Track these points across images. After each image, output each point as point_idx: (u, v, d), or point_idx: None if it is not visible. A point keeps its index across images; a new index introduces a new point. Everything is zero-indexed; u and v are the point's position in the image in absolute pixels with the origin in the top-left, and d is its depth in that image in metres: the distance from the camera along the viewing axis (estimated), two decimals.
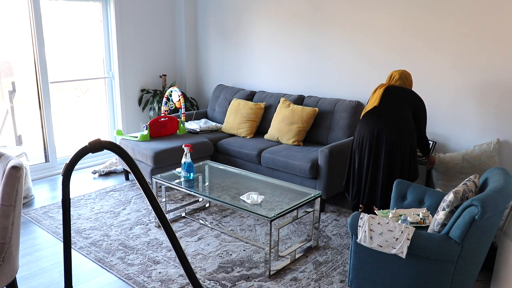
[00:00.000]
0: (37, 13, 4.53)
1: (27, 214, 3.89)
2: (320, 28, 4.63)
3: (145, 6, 5.41)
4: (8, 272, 2.17)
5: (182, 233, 3.55)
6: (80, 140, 5.42)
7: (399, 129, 3.21)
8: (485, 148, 3.63)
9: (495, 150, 3.60)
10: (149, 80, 5.63)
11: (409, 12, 4.00)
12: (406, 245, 2.27)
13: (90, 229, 3.60)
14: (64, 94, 5.29)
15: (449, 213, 2.35)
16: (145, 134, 4.48)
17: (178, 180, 3.54)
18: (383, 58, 4.24)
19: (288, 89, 5.03)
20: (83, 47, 5.18)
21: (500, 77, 3.61)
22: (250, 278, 2.92)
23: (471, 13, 3.67)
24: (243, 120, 4.78)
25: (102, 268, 3.04)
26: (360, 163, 3.38)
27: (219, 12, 5.51)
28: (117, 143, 1.51)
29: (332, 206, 4.11)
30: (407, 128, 3.23)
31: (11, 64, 4.70)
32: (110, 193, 4.38)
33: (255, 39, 5.23)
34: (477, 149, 3.66)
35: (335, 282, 2.88)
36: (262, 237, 3.49)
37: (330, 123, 4.38)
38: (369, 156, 3.31)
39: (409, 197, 2.95)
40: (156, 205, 1.53)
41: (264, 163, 4.23)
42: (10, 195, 2.17)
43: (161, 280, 2.88)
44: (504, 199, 2.24)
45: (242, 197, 3.16)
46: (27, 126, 4.88)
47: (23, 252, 3.25)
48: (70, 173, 1.49)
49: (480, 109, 3.76)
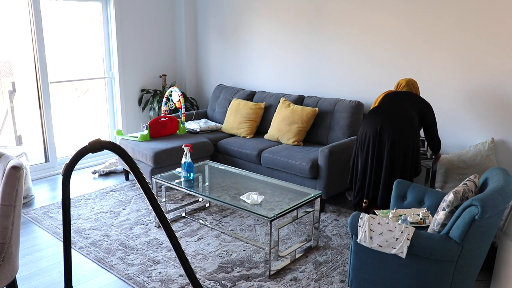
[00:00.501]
0: (37, 13, 4.53)
1: (27, 214, 3.89)
2: (320, 28, 4.63)
3: (145, 6, 5.41)
4: (8, 272, 2.17)
5: (182, 233, 3.55)
6: (80, 140, 5.42)
7: (401, 126, 3.23)
8: (480, 148, 3.63)
9: (490, 149, 3.59)
10: (149, 80, 5.63)
11: (410, 12, 4.00)
12: (406, 245, 2.27)
13: (90, 229, 3.60)
14: (64, 94, 5.29)
15: (449, 213, 2.35)
16: (145, 134, 4.48)
17: (178, 180, 3.54)
18: (383, 58, 4.24)
19: (288, 89, 5.04)
20: (83, 47, 5.18)
21: (496, 77, 3.61)
22: (250, 278, 2.92)
23: (471, 14, 3.67)
24: (243, 120, 4.78)
25: (102, 268, 3.04)
26: (364, 159, 3.39)
27: (219, 12, 5.51)
28: (117, 143, 1.51)
29: (332, 206, 4.11)
30: (409, 125, 3.24)
31: (11, 64, 4.70)
32: (110, 193, 4.38)
33: (255, 39, 5.23)
34: (472, 150, 3.66)
35: (335, 282, 2.88)
36: (262, 237, 3.49)
37: (330, 123, 4.38)
38: (373, 152, 3.32)
39: (409, 197, 2.95)
40: (156, 205, 1.53)
41: (264, 163, 4.23)
42: (10, 195, 2.17)
43: (161, 280, 2.88)
44: (504, 199, 2.24)
45: (242, 197, 3.16)
46: (27, 126, 4.88)
47: (23, 252, 3.25)
48: (70, 173, 1.49)
49: (474, 109, 3.77)
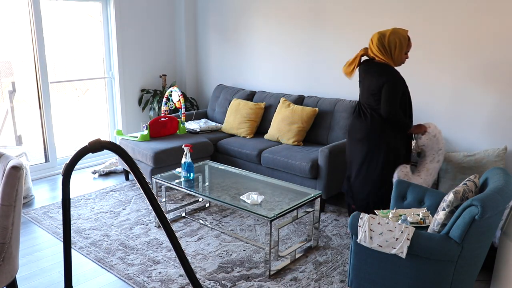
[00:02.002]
0: (37, 13, 4.53)
1: (27, 214, 3.89)
2: (320, 28, 4.63)
3: (145, 6, 5.41)
4: (8, 272, 2.17)
5: (182, 233, 3.55)
6: (80, 140, 5.42)
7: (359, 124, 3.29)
8: (490, 152, 3.56)
9: (498, 156, 3.50)
10: (149, 80, 5.63)
11: (408, 13, 4.00)
12: (406, 245, 2.27)
13: (90, 229, 3.60)
14: (64, 94, 5.29)
15: (449, 213, 2.36)
16: (145, 134, 4.48)
17: (178, 180, 3.54)
18: None
19: (288, 89, 5.03)
20: (83, 47, 5.18)
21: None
22: (250, 278, 2.92)
23: (471, 15, 3.67)
24: (243, 120, 4.78)
25: (102, 268, 3.04)
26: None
27: (219, 12, 5.51)
28: (117, 143, 1.51)
29: (332, 206, 4.11)
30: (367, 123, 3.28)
31: (11, 64, 4.70)
32: (110, 193, 4.38)
33: (255, 39, 5.23)
34: (481, 153, 3.60)
35: (335, 282, 2.88)
36: (262, 237, 3.49)
37: (330, 123, 4.38)
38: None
39: (409, 197, 2.95)
40: (156, 205, 1.53)
41: (264, 163, 4.23)
42: (10, 195, 2.17)
43: (161, 280, 2.88)
44: (504, 199, 2.24)
45: (242, 197, 3.16)
46: (27, 126, 4.88)
47: (23, 252, 3.25)
48: (70, 173, 1.49)
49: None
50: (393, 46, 3.11)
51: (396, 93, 3.11)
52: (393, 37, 3.10)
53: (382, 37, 3.12)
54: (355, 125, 3.32)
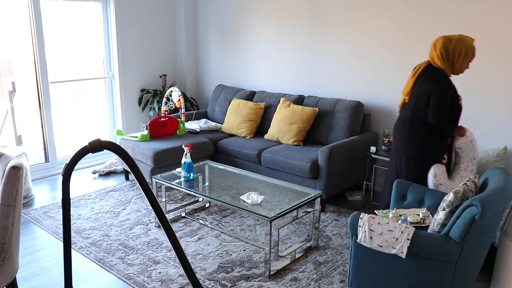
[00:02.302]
0: (37, 13, 4.53)
1: (27, 214, 3.89)
2: (320, 29, 4.63)
3: (145, 6, 5.41)
4: (8, 272, 2.17)
5: (182, 233, 3.55)
6: (80, 140, 5.42)
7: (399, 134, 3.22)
8: (490, 153, 3.55)
9: (498, 156, 3.48)
10: (149, 80, 5.63)
11: (408, 13, 4.00)
12: (406, 245, 2.27)
13: (90, 229, 3.60)
14: (64, 94, 5.29)
15: (449, 213, 2.35)
16: (145, 134, 4.48)
17: (178, 180, 3.54)
18: (383, 58, 4.24)
19: (288, 89, 5.03)
20: (83, 47, 5.18)
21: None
22: (250, 278, 2.92)
23: (471, 16, 3.67)
24: (243, 120, 4.78)
25: (102, 268, 3.04)
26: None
27: (219, 12, 5.51)
28: (117, 143, 1.51)
29: (332, 206, 4.11)
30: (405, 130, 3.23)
31: (11, 64, 4.71)
32: (110, 193, 4.38)
33: (255, 39, 5.23)
34: (481, 153, 3.59)
35: (335, 282, 2.88)
36: (262, 237, 3.49)
37: (330, 123, 4.38)
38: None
39: (409, 197, 2.95)
40: (156, 205, 1.53)
41: (264, 163, 4.23)
42: (10, 195, 2.17)
43: (161, 280, 2.88)
44: (504, 199, 2.24)
45: (242, 197, 3.16)
46: (27, 126, 4.88)
47: (23, 252, 3.25)
48: (70, 173, 1.49)
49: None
50: (457, 54, 2.96)
51: (446, 103, 2.99)
52: (460, 45, 2.95)
53: (448, 43, 2.97)
54: (397, 125, 3.27)
